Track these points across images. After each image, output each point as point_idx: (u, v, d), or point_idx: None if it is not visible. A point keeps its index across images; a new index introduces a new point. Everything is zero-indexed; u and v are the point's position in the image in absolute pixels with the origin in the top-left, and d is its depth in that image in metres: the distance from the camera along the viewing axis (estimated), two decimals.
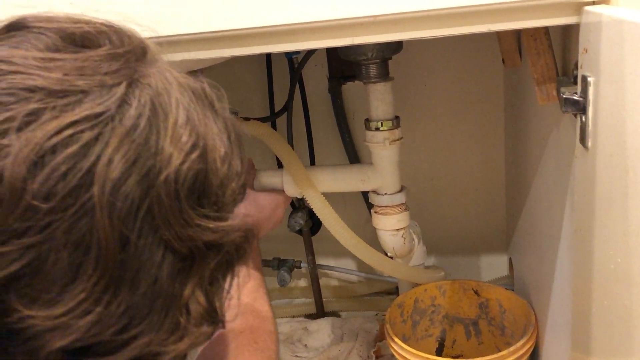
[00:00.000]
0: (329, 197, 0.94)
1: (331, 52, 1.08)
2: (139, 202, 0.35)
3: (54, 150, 0.33)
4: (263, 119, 1.00)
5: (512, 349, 0.82)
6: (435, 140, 1.18)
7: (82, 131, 0.34)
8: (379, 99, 0.88)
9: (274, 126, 1.11)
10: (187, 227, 0.36)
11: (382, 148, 0.89)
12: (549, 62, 0.58)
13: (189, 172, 0.36)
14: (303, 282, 1.36)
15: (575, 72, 0.54)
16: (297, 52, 1.04)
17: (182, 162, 0.36)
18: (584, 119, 0.48)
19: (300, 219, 1.14)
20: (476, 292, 1.02)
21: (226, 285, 0.42)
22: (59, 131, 0.33)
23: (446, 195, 1.23)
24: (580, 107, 0.49)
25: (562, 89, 0.52)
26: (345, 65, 1.10)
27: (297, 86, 1.10)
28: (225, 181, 0.39)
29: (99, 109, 0.35)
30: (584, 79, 0.47)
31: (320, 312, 1.26)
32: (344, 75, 1.12)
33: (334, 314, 1.27)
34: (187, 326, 0.39)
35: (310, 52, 1.05)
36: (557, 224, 0.68)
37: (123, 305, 0.35)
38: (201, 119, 0.38)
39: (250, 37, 0.54)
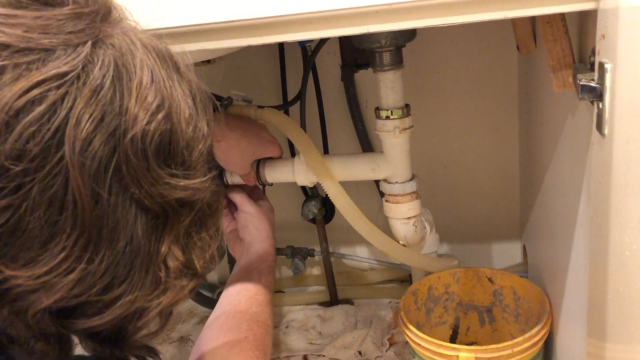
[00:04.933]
0: (342, 185, 0.94)
1: (344, 40, 1.08)
2: (107, 161, 0.36)
3: (23, 109, 0.34)
4: (276, 108, 1.00)
5: (527, 335, 0.82)
6: (449, 128, 1.17)
7: (49, 90, 0.34)
8: (389, 87, 0.87)
9: (286, 115, 1.11)
10: (157, 185, 0.38)
11: (393, 137, 0.89)
12: (565, 48, 0.57)
13: (155, 132, 0.37)
14: (317, 270, 1.36)
15: (592, 58, 0.54)
16: (310, 41, 1.04)
17: (148, 122, 0.37)
18: (600, 106, 0.48)
19: (313, 208, 1.14)
20: (490, 280, 1.02)
21: (203, 243, 0.44)
22: (27, 90, 0.34)
23: (459, 183, 1.22)
24: (597, 94, 0.48)
25: (579, 76, 0.52)
26: (358, 53, 1.09)
27: (310, 74, 1.10)
28: (191, 142, 0.40)
29: (65, 69, 0.35)
30: (601, 65, 0.47)
31: (334, 300, 1.26)
32: (356, 64, 1.11)
33: (348, 301, 1.27)
34: (168, 280, 0.41)
35: (323, 41, 1.05)
36: (573, 212, 0.68)
37: (104, 262, 0.37)
38: (166, 81, 0.39)
39: (264, 26, 0.54)
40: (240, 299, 0.73)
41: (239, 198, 0.93)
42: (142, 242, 0.38)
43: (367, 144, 1.15)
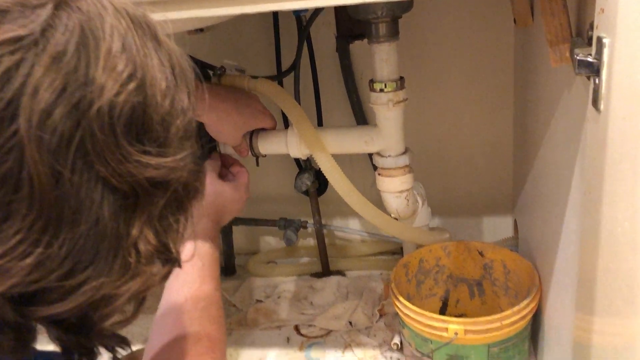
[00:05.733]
0: (335, 158, 0.93)
1: (340, 10, 1.06)
2: (70, 136, 0.33)
3: None
4: (270, 78, 0.99)
5: (515, 309, 0.83)
6: (443, 101, 1.17)
7: (1, 56, 0.31)
8: (383, 59, 0.86)
9: (280, 86, 1.10)
10: (126, 163, 0.35)
11: (386, 110, 0.88)
12: (563, 22, 0.56)
13: (124, 105, 0.34)
14: (309, 242, 1.37)
15: (590, 33, 0.53)
16: (305, 10, 1.02)
17: (117, 94, 0.34)
18: (597, 81, 0.47)
19: (307, 180, 1.14)
20: (481, 253, 1.03)
21: (180, 225, 0.41)
22: None
23: (453, 157, 1.22)
24: (594, 69, 0.48)
25: (576, 50, 0.51)
26: (354, 23, 1.08)
27: (305, 45, 1.08)
28: (168, 117, 0.37)
29: (20, 32, 0.32)
30: (599, 40, 0.46)
31: (325, 271, 1.27)
32: (352, 34, 1.10)
33: (339, 272, 1.28)
34: (138, 266, 0.37)
35: (318, 10, 1.04)
36: (565, 187, 0.68)
37: (65, 247, 0.34)
38: (140, 49, 0.36)
39: None
40: (185, 293, 0.66)
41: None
42: (110, 225, 0.35)
43: (361, 117, 1.14)
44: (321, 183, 1.18)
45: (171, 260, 0.41)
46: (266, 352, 1.07)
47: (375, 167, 0.97)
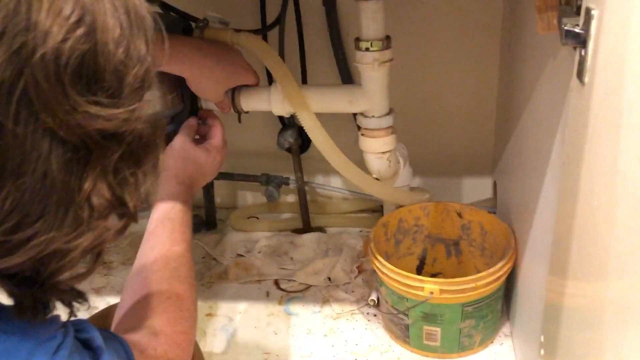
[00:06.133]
0: (319, 116, 0.93)
1: None
2: (11, 84, 0.31)
3: None
4: (254, 32, 0.97)
5: (490, 270, 0.85)
6: (428, 61, 1.15)
7: None
8: (370, 17, 0.85)
9: (265, 40, 1.08)
10: (74, 114, 0.33)
11: (372, 69, 0.87)
12: None
13: (72, 52, 0.32)
14: (290, 198, 1.37)
15: (579, 2, 0.53)
16: None
17: (63, 40, 0.32)
18: (583, 53, 0.47)
19: (290, 137, 1.14)
20: (459, 215, 1.04)
21: (138, 180, 0.39)
22: None
23: (436, 117, 1.22)
24: (580, 41, 0.47)
25: (564, 20, 0.51)
26: None
27: None
28: (121, 67, 0.35)
29: None
30: (588, 11, 0.46)
31: (306, 228, 1.28)
32: None
33: (320, 229, 1.29)
34: (91, 221, 0.36)
35: None
36: (546, 154, 0.69)
37: (9, 200, 0.33)
38: None
39: None
40: (156, 254, 0.66)
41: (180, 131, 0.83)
42: (59, 178, 0.34)
43: (347, 75, 1.13)
44: (304, 140, 1.18)
45: (127, 215, 0.40)
46: (246, 306, 1.09)
47: (359, 127, 0.97)
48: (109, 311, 0.70)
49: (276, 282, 1.14)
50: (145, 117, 0.38)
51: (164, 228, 0.68)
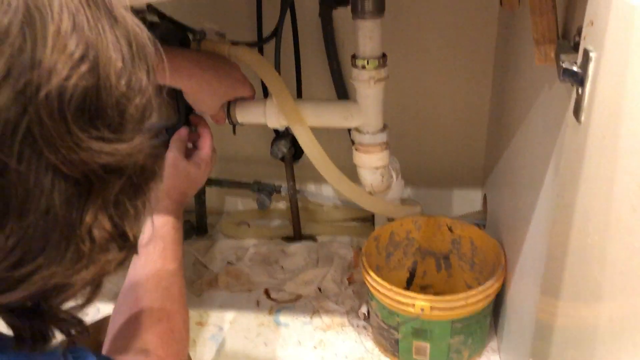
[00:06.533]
0: (312, 126, 0.93)
1: None
2: (15, 123, 0.31)
3: None
4: (251, 44, 0.97)
5: (481, 288, 0.86)
6: (423, 74, 1.16)
7: None
8: (367, 36, 0.85)
9: (260, 52, 1.08)
10: (77, 150, 0.33)
11: (367, 87, 0.88)
12: (551, 23, 0.56)
13: (75, 89, 0.32)
14: (281, 205, 1.38)
15: (576, 38, 0.54)
16: None
17: (67, 77, 0.31)
18: (580, 92, 0.48)
19: (283, 147, 1.14)
20: (450, 229, 1.05)
21: (138, 210, 0.39)
22: None
23: (429, 129, 1.23)
24: (578, 79, 0.48)
25: (562, 56, 0.52)
26: None
27: (288, 11, 1.06)
28: (123, 100, 0.35)
29: None
30: (586, 52, 0.46)
31: (297, 236, 1.29)
32: (336, 0, 1.08)
33: (310, 237, 1.30)
34: (92, 254, 0.36)
35: None
36: (539, 177, 0.70)
37: (13, 238, 0.32)
38: (92, 27, 0.33)
39: None
40: (147, 274, 0.66)
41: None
42: (60, 213, 0.33)
43: (341, 88, 1.13)
44: (297, 149, 1.18)
45: (127, 247, 0.39)
46: (236, 316, 1.09)
47: (353, 142, 0.97)
48: (101, 324, 0.70)
49: (266, 292, 1.15)
50: (146, 148, 0.37)
51: (155, 246, 0.68)
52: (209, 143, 0.83)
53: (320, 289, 1.13)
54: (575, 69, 0.49)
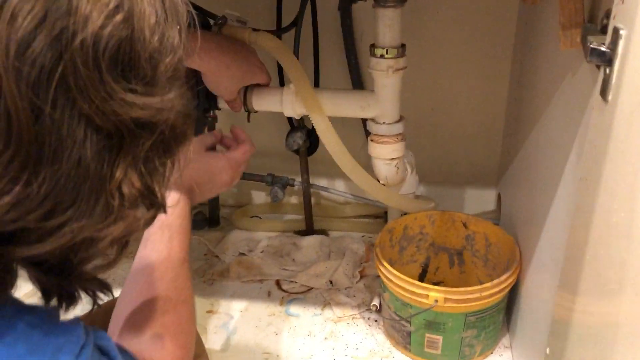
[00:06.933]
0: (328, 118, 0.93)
1: None
2: (50, 69, 0.31)
3: None
4: (270, 32, 0.97)
5: (495, 281, 0.86)
6: (440, 70, 1.16)
7: None
8: (387, 24, 0.85)
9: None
10: (110, 101, 0.33)
11: (385, 76, 0.88)
12: (579, 6, 0.56)
13: (110, 39, 0.32)
14: (294, 199, 1.38)
15: (604, 21, 0.53)
16: None
17: (102, 26, 0.32)
18: (607, 71, 0.48)
19: (299, 139, 1.14)
20: (464, 225, 1.05)
21: (167, 169, 0.39)
22: None
23: (444, 126, 1.23)
24: (606, 59, 0.48)
25: (589, 38, 0.51)
26: None
27: (308, 2, 1.06)
28: (156, 54, 0.35)
29: None
30: (616, 30, 0.46)
31: (309, 230, 1.29)
32: None
33: (323, 232, 1.30)
34: (121, 210, 0.36)
35: None
36: (558, 168, 0.69)
37: (45, 186, 0.32)
38: None
39: None
40: (154, 264, 0.64)
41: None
42: (92, 165, 0.33)
43: (357, 80, 1.14)
44: (312, 143, 1.18)
45: (156, 205, 0.39)
46: (247, 305, 1.09)
47: (367, 132, 0.97)
48: (111, 307, 0.68)
49: (277, 283, 1.15)
50: (177, 106, 0.37)
51: (162, 235, 0.65)
52: (245, 148, 0.77)
53: (331, 282, 1.13)
54: (603, 48, 0.48)
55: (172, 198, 0.70)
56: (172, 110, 0.37)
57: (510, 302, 0.96)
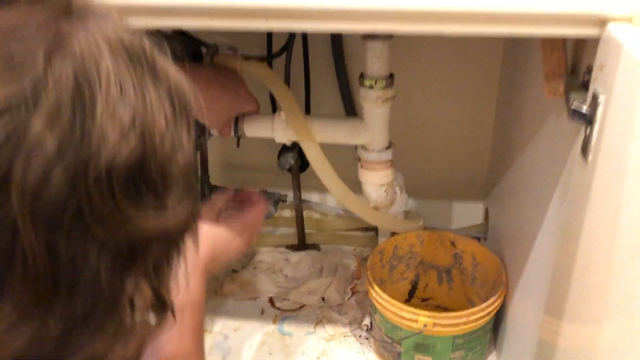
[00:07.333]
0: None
1: None
2: (65, 204, 0.29)
3: None
4: (260, 58, 0.99)
5: (482, 306, 0.88)
6: (428, 89, 1.18)
7: None
8: (376, 56, 0.87)
9: (270, 67, 1.09)
10: (125, 225, 0.32)
11: (375, 106, 0.89)
12: (561, 60, 0.58)
13: (124, 163, 0.31)
14: (286, 213, 1.39)
15: (585, 76, 0.56)
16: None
17: (116, 153, 0.30)
18: (588, 132, 0.50)
19: (290, 159, 1.15)
20: (452, 244, 1.07)
21: (172, 268, 0.38)
22: None
23: (432, 142, 1.25)
24: (587, 120, 0.50)
25: (572, 95, 0.54)
26: None
27: None
28: (167, 162, 0.33)
29: (8, 91, 0.28)
30: (595, 95, 0.48)
31: (301, 244, 1.31)
32: None
33: (314, 246, 1.31)
34: (133, 323, 0.35)
35: None
36: (544, 202, 0.70)
37: (61, 319, 0.31)
38: (138, 90, 0.32)
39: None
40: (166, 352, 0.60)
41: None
42: (106, 287, 0.32)
43: (350, 104, 1.15)
44: (303, 161, 1.20)
45: (165, 308, 0.38)
46: (241, 324, 1.11)
47: (358, 158, 0.99)
48: None
49: (271, 300, 1.17)
50: (185, 211, 0.36)
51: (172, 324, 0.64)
52: (260, 208, 0.75)
53: (323, 299, 1.15)
54: (584, 110, 0.51)
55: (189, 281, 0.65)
56: (183, 217, 0.36)
57: (497, 321, 0.99)
